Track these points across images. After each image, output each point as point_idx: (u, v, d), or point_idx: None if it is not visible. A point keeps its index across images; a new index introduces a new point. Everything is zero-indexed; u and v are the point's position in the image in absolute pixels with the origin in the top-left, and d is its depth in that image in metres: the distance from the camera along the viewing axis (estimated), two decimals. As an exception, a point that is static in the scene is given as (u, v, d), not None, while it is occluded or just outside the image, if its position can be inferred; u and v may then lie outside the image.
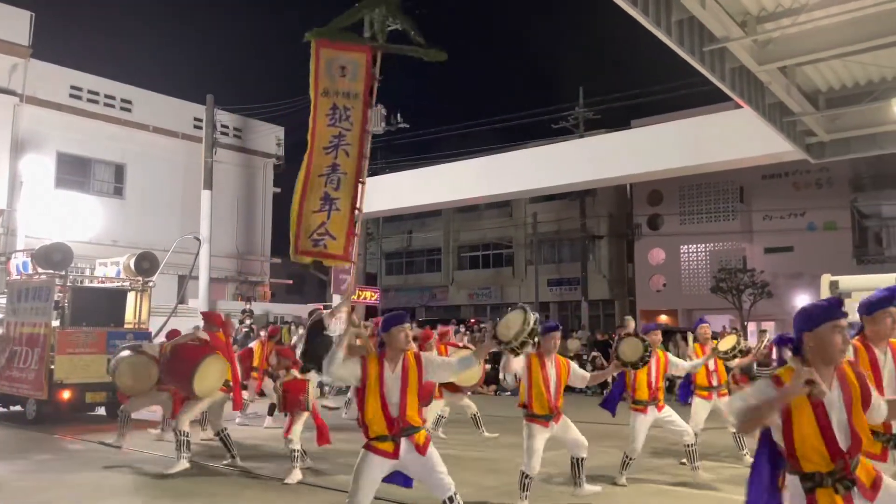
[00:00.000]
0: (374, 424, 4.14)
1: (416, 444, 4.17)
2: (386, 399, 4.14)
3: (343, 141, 9.90)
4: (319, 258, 10.88)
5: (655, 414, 6.78)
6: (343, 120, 9.93)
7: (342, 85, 9.98)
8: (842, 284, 8.05)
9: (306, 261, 11.44)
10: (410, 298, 38.72)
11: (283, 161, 27.40)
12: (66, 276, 11.33)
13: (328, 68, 9.95)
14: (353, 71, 9.94)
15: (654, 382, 6.78)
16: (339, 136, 9.93)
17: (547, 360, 5.80)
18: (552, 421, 5.77)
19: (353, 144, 9.88)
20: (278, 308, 22.52)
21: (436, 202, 19.23)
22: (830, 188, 27.22)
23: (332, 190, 9.93)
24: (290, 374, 7.36)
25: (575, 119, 30.73)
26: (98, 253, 16.40)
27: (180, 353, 7.37)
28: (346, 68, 9.94)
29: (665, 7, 7.37)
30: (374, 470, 4.16)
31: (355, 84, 9.93)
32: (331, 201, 9.81)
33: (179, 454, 7.26)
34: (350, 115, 9.92)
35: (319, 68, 9.83)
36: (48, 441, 9.00)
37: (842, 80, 10.06)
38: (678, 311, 30.51)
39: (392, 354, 4.25)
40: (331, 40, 9.89)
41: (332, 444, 7.29)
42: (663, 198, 31.04)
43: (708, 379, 7.70)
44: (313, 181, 10.44)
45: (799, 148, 11.76)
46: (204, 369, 7.13)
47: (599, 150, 16.61)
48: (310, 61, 10.11)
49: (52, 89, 20.87)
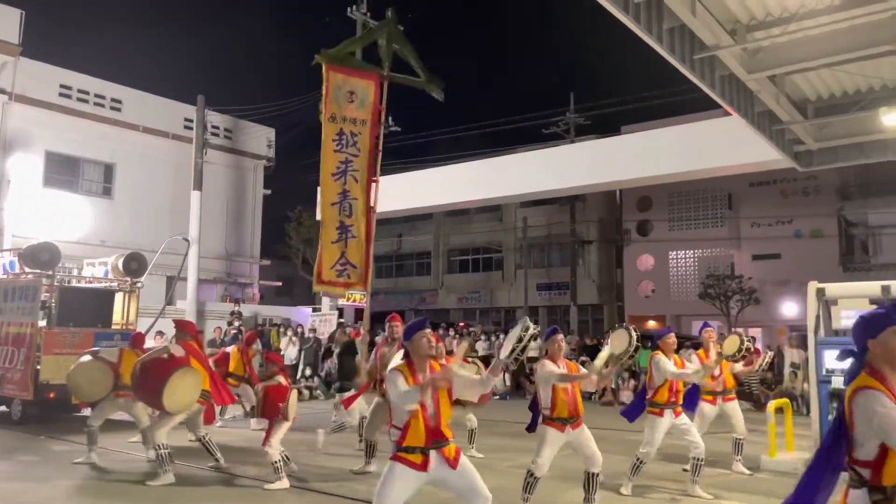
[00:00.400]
0: (412, 436, 3.95)
1: (447, 458, 4.02)
2: (427, 413, 3.97)
3: (351, 167, 10.39)
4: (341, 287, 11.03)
5: (672, 419, 6.66)
6: (350, 146, 10.37)
7: (349, 111, 10.35)
8: (828, 292, 8.10)
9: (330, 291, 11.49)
10: (400, 302, 38.68)
11: (274, 163, 27.35)
12: (54, 276, 11.27)
13: (336, 93, 10.33)
14: (361, 98, 10.41)
15: (674, 385, 6.69)
16: (347, 162, 10.37)
17: (560, 363, 5.69)
18: (569, 426, 5.61)
19: (360, 170, 10.45)
20: (267, 310, 22.45)
21: (426, 206, 19.24)
22: (817, 196, 27.45)
23: (345, 218, 10.40)
24: (275, 379, 7.18)
25: (566, 124, 30.85)
26: (86, 253, 16.31)
27: (149, 368, 7.02)
28: (355, 94, 10.39)
29: (656, 15, 7.43)
30: (402, 482, 3.97)
31: (363, 111, 10.39)
32: (346, 229, 10.39)
33: (163, 468, 6.95)
34: (357, 140, 10.40)
35: (329, 93, 10.26)
36: (33, 442, 8.95)
37: (830, 90, 10.17)
38: (666, 316, 30.63)
39: (419, 363, 4.14)
40: (341, 65, 10.35)
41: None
42: (653, 204, 31.20)
43: (713, 384, 7.67)
44: (327, 211, 10.44)
45: (787, 156, 11.85)
46: (173, 384, 6.81)
47: (590, 155, 16.68)
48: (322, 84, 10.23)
49: (42, 88, 20.75)
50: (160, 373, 6.89)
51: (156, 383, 6.83)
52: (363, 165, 10.45)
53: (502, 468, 7.80)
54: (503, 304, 35.98)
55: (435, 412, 4.01)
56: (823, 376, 7.80)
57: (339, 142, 10.36)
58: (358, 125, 10.39)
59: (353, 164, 10.40)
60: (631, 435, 6.70)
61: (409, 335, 4.20)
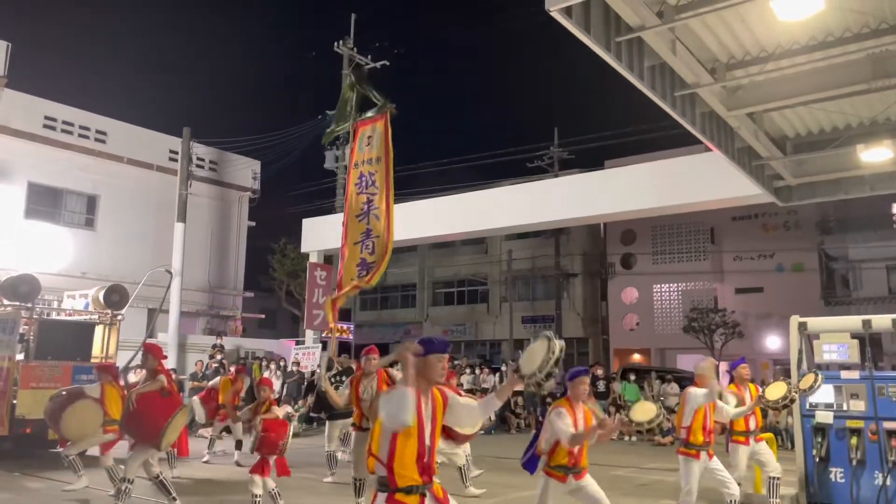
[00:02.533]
0: (406, 472, 3.47)
1: (436, 497, 3.63)
2: (423, 441, 3.52)
3: (372, 206, 11.19)
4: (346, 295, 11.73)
5: (707, 461, 6.32)
6: (370, 186, 11.22)
7: (366, 154, 11.27)
8: (810, 326, 8.16)
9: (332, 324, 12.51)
10: (385, 334, 38.46)
11: (259, 194, 27.32)
12: (33, 309, 11.10)
13: (361, 143, 11.37)
14: (375, 139, 11.30)
15: (708, 425, 6.38)
16: (369, 203, 11.20)
17: (576, 408, 5.15)
18: (572, 476, 5.08)
19: (380, 208, 11.16)
20: (250, 343, 22.23)
21: (411, 238, 19.24)
22: (798, 231, 27.81)
23: (368, 255, 11.10)
24: (272, 411, 6.95)
25: (550, 158, 31.18)
26: (67, 285, 16.12)
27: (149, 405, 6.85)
28: (371, 137, 11.33)
29: (638, 53, 7.57)
30: None
31: (377, 150, 11.22)
32: (367, 266, 11.06)
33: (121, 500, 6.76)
34: (375, 179, 11.20)
35: (356, 145, 11.35)
36: (8, 479, 8.71)
37: (808, 127, 10.36)
38: (651, 350, 30.69)
39: (424, 387, 3.63)
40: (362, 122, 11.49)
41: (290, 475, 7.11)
42: (636, 237, 31.44)
43: (745, 423, 7.32)
44: (351, 249, 11.19)
45: (767, 191, 12.01)
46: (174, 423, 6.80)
47: (574, 189, 16.82)
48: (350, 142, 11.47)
49: (26, 119, 20.70)
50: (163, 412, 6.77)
51: (159, 421, 6.69)
52: (382, 203, 11.08)
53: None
54: (488, 337, 35.88)
55: (431, 444, 3.58)
56: (807, 410, 7.82)
57: (360, 184, 11.21)
58: (374, 164, 11.17)
59: (373, 202, 11.13)
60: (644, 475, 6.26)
61: (427, 353, 3.66)
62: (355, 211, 11.22)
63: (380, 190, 11.23)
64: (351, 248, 11.08)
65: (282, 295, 30.80)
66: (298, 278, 27.95)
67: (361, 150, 11.33)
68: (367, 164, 11.25)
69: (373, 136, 11.36)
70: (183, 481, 7.91)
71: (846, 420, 7.61)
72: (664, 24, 6.75)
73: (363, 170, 11.25)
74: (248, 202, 27.20)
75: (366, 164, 11.26)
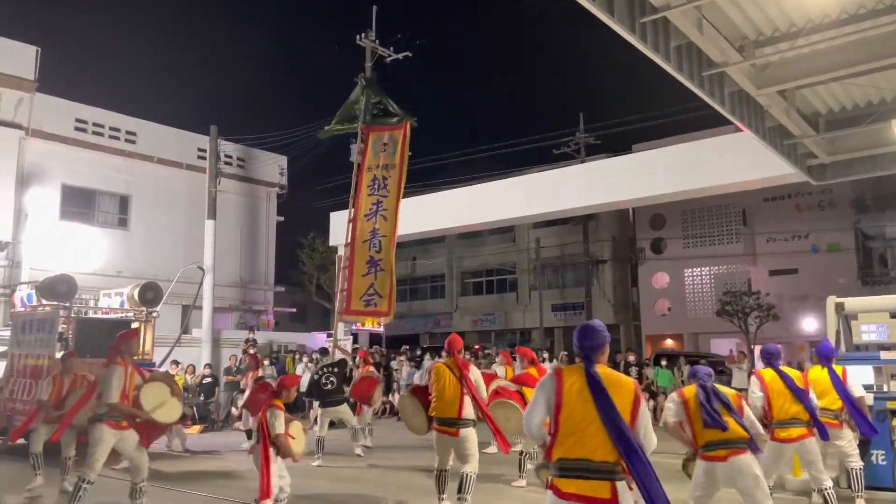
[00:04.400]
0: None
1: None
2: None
3: (381, 207, 12.08)
4: (368, 316, 13.11)
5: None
6: (381, 188, 12.08)
7: (381, 160, 12.07)
8: (847, 306, 8.00)
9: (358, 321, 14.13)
10: (415, 325, 38.64)
11: (286, 190, 27.54)
12: (71, 308, 11.33)
13: (374, 147, 12.14)
14: (392, 146, 12.13)
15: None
16: (378, 204, 12.05)
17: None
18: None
19: (389, 210, 12.06)
20: (282, 337, 22.46)
21: (438, 229, 19.26)
22: (833, 210, 27.23)
23: (375, 253, 11.92)
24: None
25: (576, 144, 30.92)
26: (103, 284, 16.43)
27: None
28: (388, 144, 12.13)
29: (663, 33, 7.45)
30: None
31: (393, 157, 12.09)
32: (375, 263, 11.89)
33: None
34: (387, 183, 12.09)
35: (368, 150, 12.11)
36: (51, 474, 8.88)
37: (841, 103, 10.12)
38: (684, 335, 30.36)
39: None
40: (375, 127, 12.31)
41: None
42: (666, 221, 31.07)
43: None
44: (359, 247, 12.10)
45: (800, 170, 11.78)
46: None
47: (601, 174, 16.66)
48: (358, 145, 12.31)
49: (58, 122, 21.09)
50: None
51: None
52: (392, 205, 12.03)
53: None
54: (518, 326, 35.82)
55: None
56: (846, 393, 7.67)
57: (372, 186, 12.06)
58: (388, 170, 12.05)
59: (383, 204, 12.07)
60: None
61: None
62: (364, 210, 12.19)
63: (391, 193, 12.13)
64: (360, 246, 11.86)
65: (312, 289, 31.07)
66: (328, 272, 28.17)
67: (376, 154, 12.58)
68: (382, 168, 12.12)
69: (389, 143, 12.21)
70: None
71: (886, 401, 7.46)
72: (690, 2, 6.63)
73: (377, 173, 12.14)
74: (277, 198, 27.45)
75: (380, 169, 12.13)
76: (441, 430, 6.81)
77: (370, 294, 11.78)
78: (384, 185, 12.10)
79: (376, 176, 12.10)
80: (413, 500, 7.20)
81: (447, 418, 6.73)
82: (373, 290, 11.81)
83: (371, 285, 11.80)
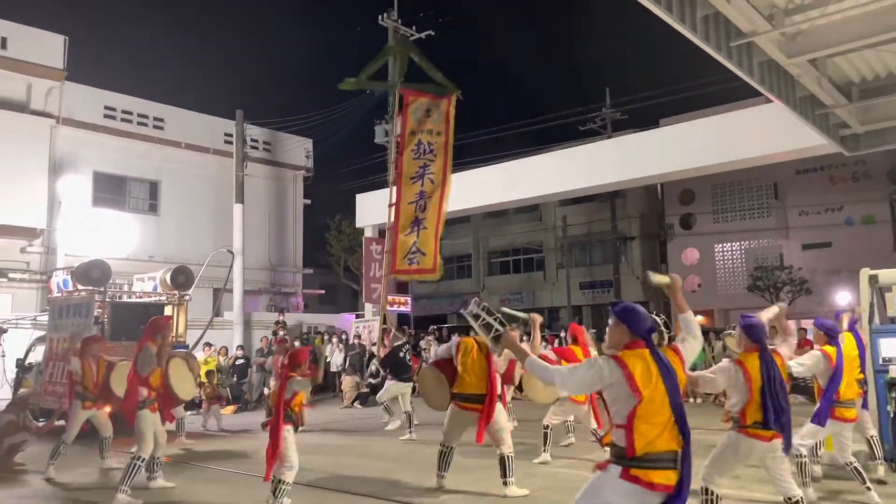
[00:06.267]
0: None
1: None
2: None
3: (428, 170, 12.43)
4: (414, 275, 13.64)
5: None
6: (427, 153, 12.47)
7: (426, 125, 12.42)
8: (881, 278, 7.84)
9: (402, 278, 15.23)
10: (442, 306, 38.75)
11: (312, 172, 27.68)
12: (105, 292, 11.57)
13: (415, 113, 12.43)
14: (437, 115, 12.51)
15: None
16: (424, 167, 12.43)
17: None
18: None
19: (436, 173, 12.43)
20: (311, 318, 22.71)
21: (464, 208, 19.22)
22: (868, 181, 26.62)
23: (420, 213, 12.34)
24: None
25: (602, 120, 30.57)
26: (135, 269, 16.73)
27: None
28: (431, 111, 12.50)
29: (689, 4, 7.31)
30: None
31: (438, 124, 12.47)
32: (419, 222, 12.31)
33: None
34: (434, 148, 12.49)
35: (408, 114, 12.40)
36: (89, 457, 9.13)
37: (875, 71, 9.86)
38: (714, 311, 30.06)
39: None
40: (415, 92, 12.55)
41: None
42: (695, 196, 30.67)
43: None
44: (404, 209, 12.39)
45: (833, 141, 11.53)
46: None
47: (628, 150, 16.47)
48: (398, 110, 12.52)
49: (87, 110, 21.40)
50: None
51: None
52: (439, 168, 12.38)
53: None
54: (546, 304, 35.75)
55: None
56: (880, 366, 7.55)
57: (417, 151, 12.39)
58: (434, 136, 12.40)
59: (429, 167, 12.41)
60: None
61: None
62: (410, 173, 12.46)
63: (437, 158, 12.42)
64: (405, 208, 12.46)
65: (340, 270, 31.29)
66: (355, 253, 28.33)
67: (419, 120, 12.73)
68: (427, 133, 12.37)
69: (432, 110, 12.50)
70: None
71: (923, 374, 7.32)
72: (716, -30, 6.49)
73: (422, 138, 12.37)
74: (303, 180, 27.62)
75: (425, 134, 12.37)
76: (463, 407, 6.74)
77: (413, 252, 12.09)
78: (430, 149, 12.36)
79: (421, 140, 12.37)
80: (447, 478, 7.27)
81: (472, 394, 6.67)
82: (415, 247, 12.15)
83: (414, 244, 12.11)
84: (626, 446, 3.29)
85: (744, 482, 6.56)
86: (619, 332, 3.56)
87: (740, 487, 6.42)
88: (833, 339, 6.30)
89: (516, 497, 6.54)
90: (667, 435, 3.32)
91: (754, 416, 4.64)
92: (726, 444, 4.78)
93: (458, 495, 6.78)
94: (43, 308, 16.60)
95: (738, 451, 4.73)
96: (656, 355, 3.43)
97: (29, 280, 19.61)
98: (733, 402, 4.80)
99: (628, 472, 3.28)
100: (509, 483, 6.61)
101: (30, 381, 12.04)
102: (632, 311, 3.57)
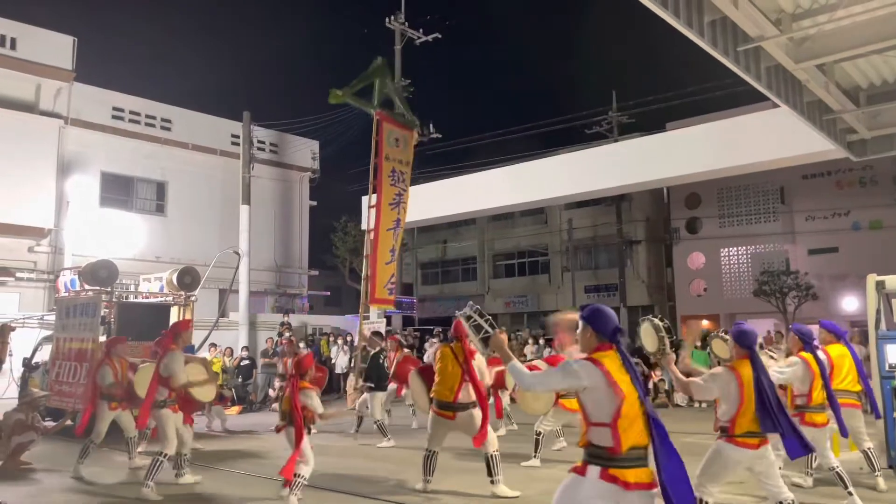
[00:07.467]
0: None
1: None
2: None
3: (402, 199, 12.65)
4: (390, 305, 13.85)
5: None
6: (400, 181, 12.69)
7: (397, 154, 12.68)
8: (888, 284, 7.82)
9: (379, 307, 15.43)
10: (447, 308, 38.74)
11: (318, 174, 27.75)
12: (112, 292, 11.62)
13: (388, 138, 12.64)
14: (403, 143, 12.84)
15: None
16: (400, 195, 12.61)
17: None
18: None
19: (406, 203, 12.64)
20: (316, 320, 22.74)
21: (470, 211, 19.24)
22: (875, 186, 26.52)
23: (395, 243, 12.52)
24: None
25: (609, 124, 30.56)
26: (142, 269, 16.80)
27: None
28: (399, 140, 12.80)
29: (696, 8, 7.31)
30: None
31: (406, 155, 12.82)
32: (394, 251, 12.42)
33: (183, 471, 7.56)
34: (404, 177, 12.76)
35: (383, 138, 12.54)
36: (98, 454, 9.18)
37: (882, 76, 9.85)
38: (720, 315, 29.98)
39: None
40: (389, 119, 12.84)
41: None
42: (701, 200, 30.60)
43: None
44: (383, 235, 12.40)
45: (840, 146, 11.51)
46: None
47: (635, 153, 16.45)
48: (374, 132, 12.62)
49: (95, 111, 21.50)
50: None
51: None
52: (407, 199, 12.79)
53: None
54: (551, 308, 35.68)
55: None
56: (886, 372, 7.54)
57: (393, 177, 12.61)
58: (403, 165, 12.72)
59: (403, 196, 12.69)
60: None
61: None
62: (388, 199, 12.76)
63: (406, 189, 12.80)
64: (384, 234, 12.24)
65: (345, 272, 31.32)
66: (360, 255, 28.34)
67: (392, 145, 12.72)
68: (399, 163, 12.69)
69: (401, 140, 12.81)
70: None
71: (930, 380, 7.31)
72: (724, -25, 6.50)
73: (395, 166, 12.64)
74: (309, 182, 27.68)
75: (398, 163, 12.68)
76: (438, 413, 6.91)
77: (393, 282, 12.41)
78: (402, 178, 12.64)
79: (395, 168, 12.60)
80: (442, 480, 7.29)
81: (444, 402, 6.83)
82: (395, 278, 12.53)
83: (393, 274, 12.37)
84: (612, 445, 3.33)
85: (747, 487, 6.56)
86: (587, 335, 3.64)
87: (741, 493, 6.43)
88: (808, 345, 6.35)
89: (507, 497, 6.64)
90: (641, 430, 3.38)
91: (746, 427, 4.60)
92: (714, 453, 4.77)
93: (458, 496, 6.81)
94: (50, 307, 16.67)
95: (726, 460, 4.70)
96: (622, 354, 3.54)
97: (36, 279, 19.71)
98: (723, 411, 4.76)
99: (607, 472, 3.32)
100: (497, 482, 6.71)
101: (35, 380, 12.09)
102: (597, 312, 3.66)
